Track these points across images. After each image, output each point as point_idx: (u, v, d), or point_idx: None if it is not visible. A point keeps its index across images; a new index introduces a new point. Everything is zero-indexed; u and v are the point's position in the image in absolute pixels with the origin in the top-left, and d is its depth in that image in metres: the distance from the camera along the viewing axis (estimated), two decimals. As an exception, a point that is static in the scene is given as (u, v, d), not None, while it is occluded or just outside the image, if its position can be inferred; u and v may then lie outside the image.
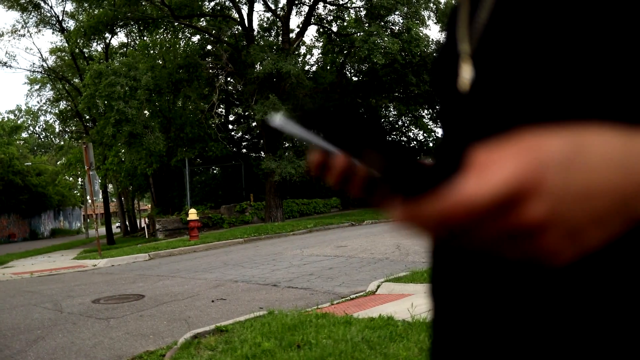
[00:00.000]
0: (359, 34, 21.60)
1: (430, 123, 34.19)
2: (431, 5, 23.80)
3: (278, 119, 0.53)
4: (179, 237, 19.16)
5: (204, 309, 6.76)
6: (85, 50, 28.85)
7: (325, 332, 4.52)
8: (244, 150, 30.03)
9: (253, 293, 7.60)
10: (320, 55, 29.48)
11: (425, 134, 34.95)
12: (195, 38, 25.89)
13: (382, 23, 21.90)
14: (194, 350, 4.54)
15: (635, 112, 0.46)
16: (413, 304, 5.15)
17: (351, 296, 6.97)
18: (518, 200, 0.38)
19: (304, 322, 4.94)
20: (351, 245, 12.83)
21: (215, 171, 28.35)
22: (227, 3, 23.86)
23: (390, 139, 0.42)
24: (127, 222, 42.55)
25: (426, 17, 24.19)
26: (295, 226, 18.64)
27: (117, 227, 51.24)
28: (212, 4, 24.06)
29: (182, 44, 25.94)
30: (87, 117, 29.29)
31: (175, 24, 23.06)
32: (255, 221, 22.67)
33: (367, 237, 14.84)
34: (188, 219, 16.53)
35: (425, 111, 32.33)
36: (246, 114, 29.23)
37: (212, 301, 7.18)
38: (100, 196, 27.14)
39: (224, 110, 28.65)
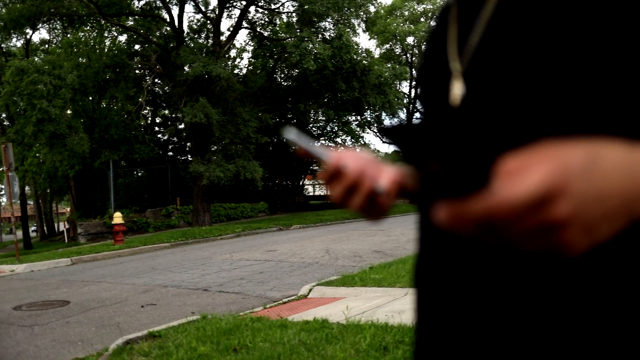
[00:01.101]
0: (290, 39, 21.71)
1: (358, 129, 34.77)
2: (361, 14, 24.19)
3: (292, 133, 0.58)
4: (103, 242, 18.59)
5: (134, 314, 6.63)
6: (3, 45, 27.60)
7: (261, 336, 4.54)
8: (171, 153, 29.52)
9: (184, 298, 7.52)
10: (251, 59, 29.41)
11: (353, 140, 35.48)
12: (123, 37, 25.28)
13: (314, 29, 22.10)
14: (126, 357, 4.46)
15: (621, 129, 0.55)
16: (348, 306, 5.25)
17: (284, 300, 7.02)
18: (548, 200, 0.44)
19: (239, 325, 4.95)
20: (281, 250, 12.87)
21: (140, 174, 27.71)
22: (157, 3, 23.42)
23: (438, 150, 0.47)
24: (44, 226, 40.86)
25: (356, 25, 24.61)
26: (223, 230, 18.48)
27: (32, 231, 49.10)
28: (142, 3, 23.57)
29: (108, 43, 25.25)
30: (4, 115, 28.01)
31: (103, 22, 22.44)
32: (182, 225, 22.32)
33: (296, 241, 14.92)
34: (113, 222, 16.08)
35: (353, 117, 32.84)
36: (174, 116, 28.77)
37: (142, 306, 7.05)
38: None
39: (150, 112, 28.08)
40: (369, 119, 31.85)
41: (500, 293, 0.61)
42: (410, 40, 35.38)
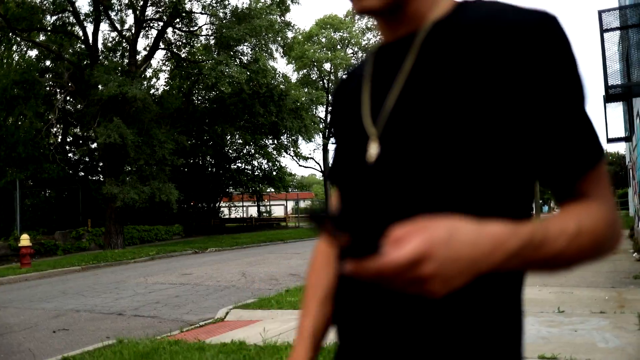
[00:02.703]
0: (207, 62, 21.75)
1: (275, 152, 35.03)
2: (279, 39, 24.60)
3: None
4: (7, 265, 17.74)
5: (45, 340, 6.51)
6: None
7: (179, 359, 4.64)
8: (82, 173, 28.59)
9: (97, 322, 7.43)
10: (168, 80, 29.12)
11: (269, 163, 35.69)
12: (33, 53, 24.45)
13: (232, 53, 22.28)
14: (41, 382, 4.44)
15: (483, 206, 0.82)
16: (265, 328, 5.43)
17: (200, 323, 7.09)
18: (419, 262, 0.65)
19: (157, 349, 5.02)
20: (196, 273, 12.84)
21: (49, 194, 26.65)
22: (70, 19, 22.88)
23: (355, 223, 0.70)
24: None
25: (274, 50, 24.99)
26: (137, 253, 18.14)
27: None
28: (54, 18, 22.94)
29: (17, 58, 24.33)
30: None
31: (11, 35, 21.66)
32: (93, 248, 21.67)
33: (212, 264, 14.90)
34: (20, 245, 15.44)
35: (270, 141, 33.07)
36: (86, 135, 27.96)
37: (54, 332, 6.92)
38: None
39: (61, 130, 27.19)
40: (285, 142, 32.19)
41: (395, 317, 0.85)
42: (327, 66, 36.20)
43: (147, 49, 23.97)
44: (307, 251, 18.47)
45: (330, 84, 36.66)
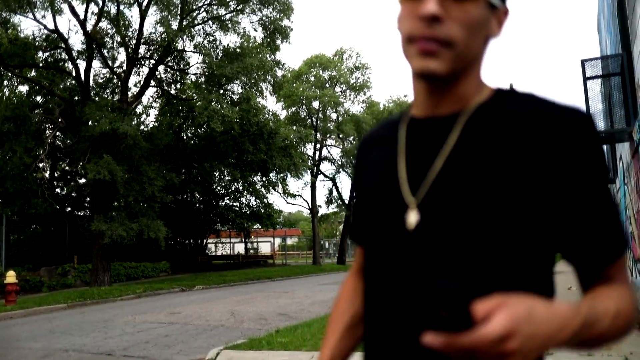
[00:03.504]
0: (199, 102, 21.93)
1: (263, 190, 35.10)
2: (269, 78, 24.92)
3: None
4: (-9, 302, 17.51)
5: (35, 381, 6.47)
6: None
7: (174, 401, 4.65)
8: (69, 209, 28.46)
9: (87, 363, 7.38)
10: (157, 116, 29.29)
11: (257, 200, 35.73)
12: (24, 88, 24.56)
13: (222, 91, 22.55)
14: None
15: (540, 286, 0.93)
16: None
17: (191, 364, 7.07)
18: (506, 338, 0.72)
19: (150, 391, 5.01)
20: (185, 312, 12.77)
21: (35, 229, 26.45)
22: (62, 55, 23.09)
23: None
24: None
25: (264, 88, 25.29)
26: (123, 291, 17.99)
27: None
28: (46, 54, 23.15)
29: (7, 92, 24.41)
30: None
31: (2, 70, 21.78)
32: (79, 285, 21.46)
33: (200, 303, 14.82)
34: (5, 281, 15.29)
35: (258, 177, 33.17)
36: (73, 170, 27.94)
37: (43, 372, 6.87)
38: None
39: (49, 166, 27.15)
40: (274, 179, 32.33)
41: None
42: (315, 104, 36.60)
43: (138, 85, 24.21)
44: (295, 290, 18.45)
45: (318, 122, 37.00)
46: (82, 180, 26.97)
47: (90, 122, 20.33)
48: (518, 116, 0.95)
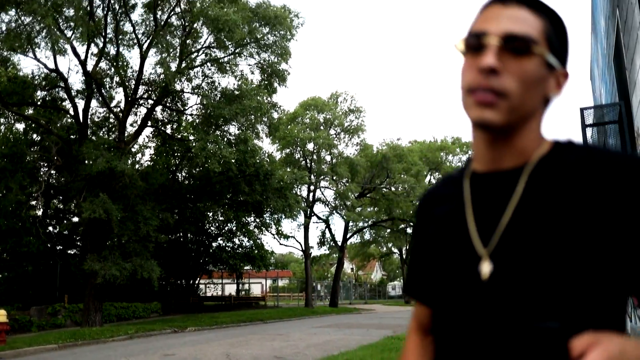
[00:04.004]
0: (195, 142, 22.00)
1: (256, 230, 35.02)
2: (265, 120, 25.15)
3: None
4: (-20, 341, 17.21)
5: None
6: None
7: None
8: (60, 247, 28.23)
9: (83, 405, 7.26)
10: (152, 156, 29.36)
11: (250, 241, 35.63)
12: (21, 126, 24.67)
13: (219, 132, 22.73)
14: None
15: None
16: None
17: (190, 408, 6.96)
18: None
19: None
20: (179, 354, 12.61)
21: (25, 268, 26.17)
22: (61, 94, 23.27)
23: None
24: None
25: (260, 130, 25.51)
26: (115, 332, 17.75)
27: None
28: (45, 93, 23.34)
29: (4, 130, 24.49)
30: None
31: (1, 108, 21.91)
32: (69, 325, 21.16)
33: (194, 345, 14.64)
34: (-4, 321, 15.08)
35: (252, 218, 33.11)
36: (66, 208, 27.85)
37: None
38: None
39: (42, 204, 27.06)
40: (267, 221, 32.29)
41: None
42: (310, 146, 36.85)
43: (135, 125, 24.36)
44: (290, 332, 18.27)
45: (313, 164, 37.15)
46: (75, 219, 26.87)
47: (87, 161, 20.38)
48: (581, 166, 1.01)
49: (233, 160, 21.06)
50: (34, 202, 24.39)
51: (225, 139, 22.73)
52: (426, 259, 1.17)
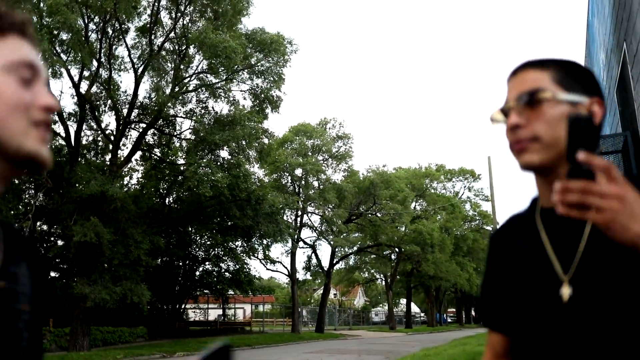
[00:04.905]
0: (187, 167, 21.98)
1: (243, 255, 34.85)
2: (256, 145, 25.23)
3: None
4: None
5: None
6: None
7: None
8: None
9: None
10: (140, 179, 29.20)
11: (237, 265, 35.43)
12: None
13: (212, 156, 22.78)
14: None
15: None
16: None
17: None
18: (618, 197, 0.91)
19: None
20: (175, 379, 12.50)
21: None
22: (53, 117, 23.16)
23: None
24: None
25: (251, 155, 25.57)
26: (103, 356, 17.54)
27: None
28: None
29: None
30: None
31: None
32: (54, 349, 20.81)
33: (188, 370, 14.52)
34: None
35: (239, 242, 32.97)
36: (55, 232, 27.57)
37: None
38: None
39: (29, 228, 26.77)
40: (255, 246, 32.21)
41: None
42: (298, 172, 36.96)
43: (126, 149, 24.32)
44: (282, 358, 18.15)
45: (300, 189, 37.22)
46: (60, 242, 26.58)
47: (77, 184, 20.28)
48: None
49: (225, 185, 21.04)
50: (24, 225, 24.13)
51: (218, 163, 22.76)
52: (505, 290, 1.32)
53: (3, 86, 0.93)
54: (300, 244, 39.65)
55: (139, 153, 24.69)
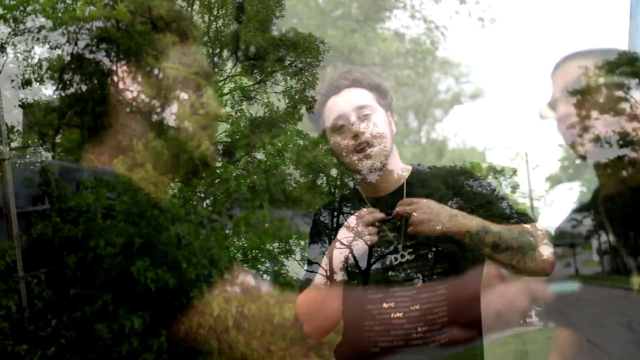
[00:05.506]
0: (223, 169, 21.90)
1: (281, 257, 34.67)
2: (290, 146, 25.08)
3: None
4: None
5: None
6: None
7: None
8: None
9: None
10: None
11: (275, 267, 35.31)
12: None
13: (249, 158, 22.73)
14: None
15: None
16: None
17: None
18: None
19: None
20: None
21: None
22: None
23: None
24: None
25: (287, 158, 25.44)
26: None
27: None
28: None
29: None
30: None
31: None
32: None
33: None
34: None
35: (276, 244, 32.77)
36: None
37: None
38: None
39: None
40: (292, 247, 32.13)
41: None
42: (333, 172, 36.78)
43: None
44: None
45: (336, 190, 37.00)
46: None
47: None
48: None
49: (262, 187, 20.97)
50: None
51: (255, 164, 22.67)
52: None
53: None
54: (337, 244, 39.50)
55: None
